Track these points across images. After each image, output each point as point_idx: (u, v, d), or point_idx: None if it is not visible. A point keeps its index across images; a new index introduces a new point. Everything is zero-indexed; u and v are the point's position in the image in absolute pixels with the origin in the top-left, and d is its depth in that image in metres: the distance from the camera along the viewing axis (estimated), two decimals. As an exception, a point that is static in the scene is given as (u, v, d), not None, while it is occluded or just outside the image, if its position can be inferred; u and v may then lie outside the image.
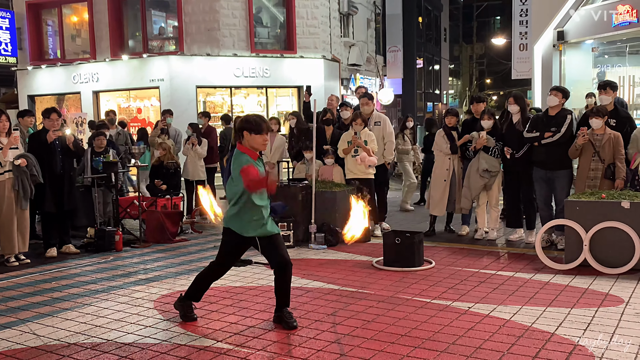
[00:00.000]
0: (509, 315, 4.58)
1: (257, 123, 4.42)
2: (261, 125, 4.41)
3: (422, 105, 35.68)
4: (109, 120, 11.00)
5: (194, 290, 4.68)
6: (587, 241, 5.85)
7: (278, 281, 4.51)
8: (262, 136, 4.42)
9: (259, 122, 4.43)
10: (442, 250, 7.10)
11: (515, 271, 6.00)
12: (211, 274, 4.67)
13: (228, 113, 15.77)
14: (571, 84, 14.08)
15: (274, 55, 17.68)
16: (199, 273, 4.72)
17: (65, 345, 4.16)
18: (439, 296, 5.17)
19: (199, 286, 4.68)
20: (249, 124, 4.42)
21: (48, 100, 18.98)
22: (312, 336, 4.25)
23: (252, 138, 4.40)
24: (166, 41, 17.96)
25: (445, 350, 3.89)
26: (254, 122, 4.42)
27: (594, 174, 6.53)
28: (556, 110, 6.87)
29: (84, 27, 18.67)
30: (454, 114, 8.10)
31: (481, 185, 7.46)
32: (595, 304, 4.83)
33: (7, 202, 6.69)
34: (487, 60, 45.75)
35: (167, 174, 9.27)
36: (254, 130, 4.39)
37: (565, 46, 15.17)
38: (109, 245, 7.49)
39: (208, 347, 4.07)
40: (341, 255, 6.95)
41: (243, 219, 4.42)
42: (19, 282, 6.07)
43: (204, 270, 4.70)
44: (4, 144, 6.70)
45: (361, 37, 23.12)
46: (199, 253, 7.31)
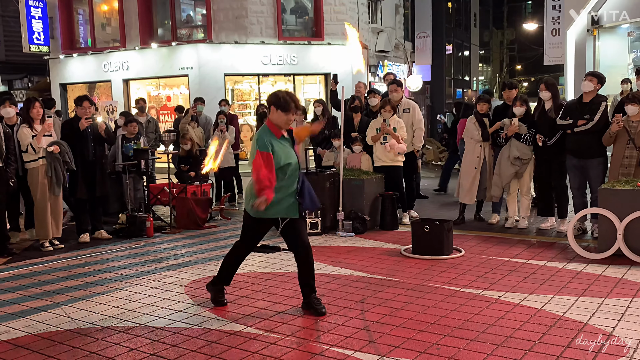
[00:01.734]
0: (540, 305, 4.52)
1: (285, 100, 4.34)
2: (289, 104, 4.34)
3: (451, 92, 35.30)
4: (139, 108, 11.11)
5: (223, 273, 4.73)
6: (621, 230, 5.73)
7: (302, 268, 4.52)
8: (288, 115, 4.36)
9: (287, 100, 4.34)
10: (471, 238, 7.04)
11: (546, 260, 5.91)
12: (236, 252, 4.69)
13: (256, 101, 15.82)
14: (606, 70, 13.72)
15: (301, 42, 17.63)
16: (225, 255, 4.76)
17: (98, 329, 4.25)
18: (469, 285, 5.13)
19: (228, 268, 4.72)
20: (277, 100, 4.36)
21: (80, 89, 19.28)
22: (340, 323, 4.26)
23: (278, 115, 4.35)
24: (195, 29, 18.05)
25: (475, 339, 3.86)
26: (282, 99, 4.35)
27: (629, 162, 6.38)
28: (590, 96, 6.71)
29: (114, 15, 18.87)
30: (485, 101, 7.96)
31: (512, 173, 7.35)
32: (629, 294, 4.73)
33: (41, 188, 6.83)
34: (518, 46, 44.90)
35: (196, 161, 9.35)
36: (281, 107, 4.34)
37: (599, 31, 14.78)
38: (140, 231, 7.61)
39: (238, 332, 4.12)
40: (369, 243, 6.94)
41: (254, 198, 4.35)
42: (53, 266, 6.21)
43: (229, 251, 4.74)
44: (37, 131, 6.83)
45: (389, 23, 22.90)
46: (228, 239, 7.37)
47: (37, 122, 6.90)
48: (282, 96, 4.38)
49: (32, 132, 6.81)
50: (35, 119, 6.88)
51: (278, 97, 4.38)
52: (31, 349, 3.90)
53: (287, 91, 4.52)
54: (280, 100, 4.35)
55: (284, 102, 4.34)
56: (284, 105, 4.34)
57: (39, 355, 3.81)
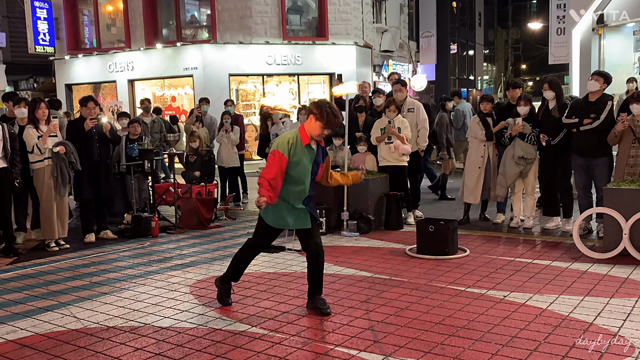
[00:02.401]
0: (546, 305, 4.51)
1: (328, 116, 4.22)
2: (331, 121, 4.23)
3: (456, 92, 35.18)
4: (144, 108, 11.14)
5: (232, 270, 4.74)
6: (627, 230, 5.71)
7: (311, 268, 4.53)
8: (325, 130, 4.28)
9: (330, 115, 4.22)
10: (476, 238, 7.03)
11: (551, 260, 5.90)
12: (246, 252, 4.71)
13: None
14: (611, 69, 13.64)
15: (305, 42, 17.64)
16: (235, 253, 4.78)
17: (104, 329, 4.26)
18: (474, 284, 5.12)
19: (237, 266, 4.73)
20: (320, 112, 4.25)
21: (85, 89, 19.34)
22: (345, 322, 4.26)
23: (314, 126, 4.28)
24: (199, 29, 18.08)
25: (480, 339, 3.86)
26: (325, 114, 4.22)
27: (634, 161, 6.35)
28: (596, 95, 6.69)
29: (118, 16, 18.92)
30: (489, 100, 7.94)
31: (517, 172, 7.33)
32: (635, 294, 4.72)
33: (47, 188, 6.86)
34: (523, 45, 44.77)
35: (201, 161, 9.38)
36: (321, 121, 4.25)
37: (604, 30, 14.73)
38: (145, 231, 7.63)
39: (243, 332, 4.12)
40: (374, 243, 6.94)
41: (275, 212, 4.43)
42: (59, 266, 6.23)
43: (240, 249, 4.76)
44: (43, 131, 6.85)
45: (394, 23, 22.87)
46: (233, 239, 7.38)
47: (42, 123, 6.93)
48: (328, 111, 4.24)
49: (37, 133, 6.83)
50: (40, 119, 6.91)
51: (321, 109, 4.26)
52: (37, 349, 3.92)
53: (330, 104, 4.37)
54: (323, 113, 4.24)
55: (327, 116, 4.22)
56: (326, 119, 4.23)
57: (45, 354, 3.82)
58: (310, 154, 4.38)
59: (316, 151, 4.42)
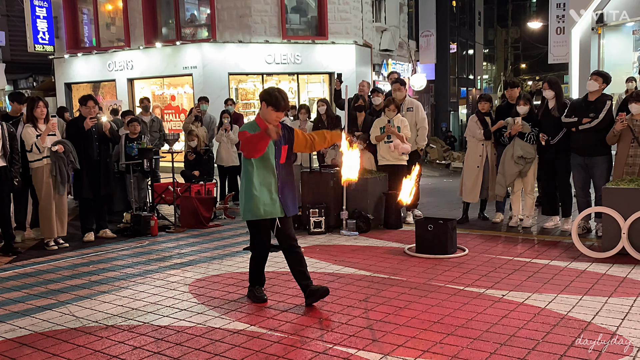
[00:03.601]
0: (544, 304, 4.51)
1: (276, 99, 4.40)
2: (280, 103, 4.40)
3: (456, 91, 35.24)
4: (143, 107, 11.14)
5: (252, 279, 4.84)
6: (625, 229, 5.72)
7: (289, 262, 4.64)
8: (278, 114, 4.43)
9: (279, 99, 4.40)
10: (475, 237, 7.03)
11: (550, 259, 5.90)
12: (253, 260, 4.79)
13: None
14: (610, 68, 13.68)
15: (305, 41, 17.64)
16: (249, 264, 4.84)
17: (103, 327, 4.26)
18: (472, 284, 5.12)
19: (254, 274, 4.82)
20: (269, 97, 4.43)
21: (84, 88, 19.34)
22: (344, 321, 4.26)
23: (268, 112, 4.43)
24: (199, 28, 18.08)
25: (478, 338, 3.86)
26: (274, 98, 4.40)
27: (633, 161, 6.36)
28: (596, 95, 6.70)
29: (118, 15, 18.92)
30: (487, 100, 7.97)
31: (516, 172, 7.34)
32: (633, 293, 4.72)
33: (46, 187, 6.86)
34: (523, 45, 44.77)
35: (200, 160, 9.38)
36: (272, 105, 4.40)
37: (604, 29, 14.74)
38: (144, 230, 7.64)
39: (241, 331, 4.12)
40: (373, 242, 6.94)
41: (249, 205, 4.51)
42: (58, 265, 6.23)
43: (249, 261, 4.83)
44: (42, 130, 6.85)
45: (393, 22, 22.87)
46: (232, 238, 7.39)
47: (40, 122, 6.93)
48: (275, 94, 4.42)
49: (36, 132, 6.83)
50: (39, 118, 6.91)
51: (270, 95, 4.44)
52: (36, 347, 3.92)
53: (279, 89, 4.56)
54: (272, 97, 4.42)
55: (275, 100, 4.40)
56: (275, 103, 4.40)
57: (44, 353, 3.82)
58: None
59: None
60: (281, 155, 4.55)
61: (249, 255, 6.36)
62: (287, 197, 4.59)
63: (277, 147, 4.52)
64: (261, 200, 4.49)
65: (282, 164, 4.57)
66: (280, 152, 4.54)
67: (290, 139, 4.65)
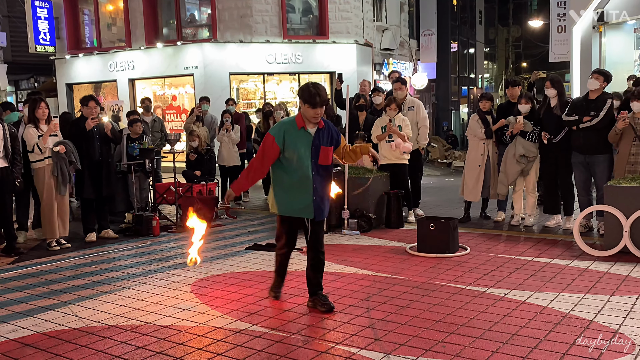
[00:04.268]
0: (546, 302, 4.51)
1: (310, 95, 4.29)
2: (315, 100, 4.28)
3: (457, 90, 35.20)
4: (144, 107, 11.15)
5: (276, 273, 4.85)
6: (627, 227, 5.72)
7: (309, 265, 4.59)
8: (315, 110, 4.30)
9: (313, 94, 4.29)
10: (477, 236, 7.03)
11: (552, 258, 5.90)
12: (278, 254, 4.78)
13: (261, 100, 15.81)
14: (612, 67, 13.67)
15: (306, 41, 17.63)
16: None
17: (105, 327, 4.27)
18: (474, 282, 5.12)
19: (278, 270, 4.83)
20: (304, 94, 4.33)
21: (85, 89, 19.35)
22: (346, 320, 4.26)
23: (305, 109, 4.35)
24: (200, 28, 18.08)
25: (480, 337, 3.86)
26: (307, 94, 4.30)
27: (635, 159, 6.36)
28: (597, 94, 6.70)
29: (119, 15, 18.93)
30: (488, 98, 7.97)
31: (518, 170, 7.34)
32: (636, 292, 4.72)
33: (47, 187, 6.86)
34: (524, 43, 44.69)
35: (202, 160, 9.38)
36: (308, 102, 4.30)
37: (605, 27, 14.71)
38: (146, 230, 7.65)
39: (244, 330, 4.13)
40: (374, 241, 6.94)
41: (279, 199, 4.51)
42: (60, 265, 6.24)
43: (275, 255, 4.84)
44: (43, 131, 6.86)
45: (394, 21, 22.86)
46: (234, 238, 7.39)
47: (42, 122, 6.94)
48: (309, 90, 4.32)
49: (38, 132, 6.84)
50: (40, 119, 6.92)
51: (304, 91, 4.34)
52: (38, 348, 3.93)
53: (315, 83, 4.43)
54: (306, 94, 4.31)
55: (309, 96, 4.29)
56: (310, 100, 4.29)
57: (46, 353, 3.83)
58: (306, 137, 4.39)
59: (314, 135, 4.40)
60: (319, 156, 4.40)
61: (251, 255, 6.40)
62: (321, 200, 4.47)
63: (315, 147, 4.38)
64: (291, 199, 4.43)
65: (320, 165, 4.42)
66: (318, 152, 4.39)
67: (337, 141, 4.53)
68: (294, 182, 4.42)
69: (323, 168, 4.46)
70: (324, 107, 4.36)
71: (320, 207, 4.48)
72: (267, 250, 6.56)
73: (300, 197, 4.42)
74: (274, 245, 6.40)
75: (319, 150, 4.40)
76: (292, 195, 4.43)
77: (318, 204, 4.45)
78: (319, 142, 4.41)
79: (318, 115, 4.35)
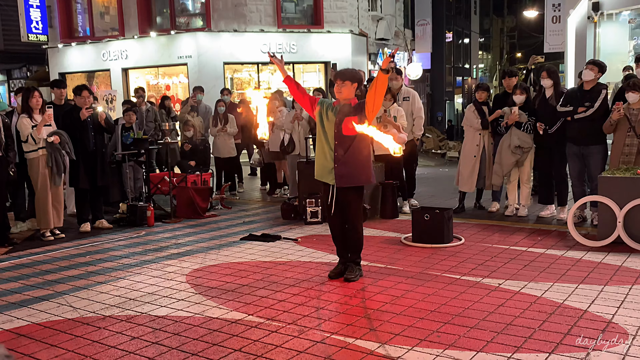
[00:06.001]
0: (541, 292, 4.54)
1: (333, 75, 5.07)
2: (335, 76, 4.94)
3: (452, 80, 35.20)
4: (138, 97, 11.09)
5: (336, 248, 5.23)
6: (621, 218, 5.75)
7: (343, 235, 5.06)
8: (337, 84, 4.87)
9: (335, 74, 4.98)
10: (471, 226, 7.05)
11: (546, 248, 5.93)
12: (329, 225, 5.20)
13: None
14: (606, 57, 13.68)
15: (300, 30, 17.56)
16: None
17: (100, 318, 4.27)
18: (469, 273, 5.14)
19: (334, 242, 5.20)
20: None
21: (78, 78, 19.23)
22: (341, 311, 4.28)
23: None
24: (193, 17, 17.97)
25: (475, 327, 3.88)
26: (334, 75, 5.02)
27: (629, 150, 6.38)
28: (591, 85, 6.70)
29: (112, 4, 18.78)
30: (484, 89, 7.96)
31: (513, 161, 7.35)
32: (629, 282, 4.75)
33: (42, 178, 6.83)
34: (519, 33, 44.69)
35: (196, 150, 9.36)
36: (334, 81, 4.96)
37: (600, 18, 14.72)
38: (141, 221, 7.63)
39: (239, 320, 4.14)
40: (369, 232, 6.95)
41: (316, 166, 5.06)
42: (54, 256, 6.22)
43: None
44: (37, 121, 6.82)
45: (389, 11, 22.79)
46: (229, 228, 7.39)
47: (36, 112, 6.89)
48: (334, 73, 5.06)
49: (32, 122, 6.80)
50: (34, 108, 6.87)
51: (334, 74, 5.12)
52: (33, 338, 3.92)
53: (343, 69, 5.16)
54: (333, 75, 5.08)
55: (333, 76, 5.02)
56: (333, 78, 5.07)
57: (41, 344, 3.83)
58: (334, 109, 4.91)
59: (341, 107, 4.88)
60: (341, 126, 4.79)
61: (246, 245, 6.40)
62: (343, 168, 4.82)
63: (339, 118, 4.81)
64: (317, 164, 5.01)
65: (344, 135, 4.80)
66: (341, 122, 4.79)
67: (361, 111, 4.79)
68: (321, 149, 4.95)
69: (347, 138, 4.82)
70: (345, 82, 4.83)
71: (341, 174, 4.85)
72: (262, 240, 6.57)
73: (323, 164, 4.94)
74: (268, 236, 6.45)
75: (343, 120, 4.81)
76: (319, 160, 4.99)
77: (340, 171, 4.84)
78: (344, 114, 4.82)
79: (339, 88, 4.85)
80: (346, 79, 4.83)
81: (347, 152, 4.81)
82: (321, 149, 4.95)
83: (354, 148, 4.84)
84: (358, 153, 4.86)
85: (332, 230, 5.14)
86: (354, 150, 4.84)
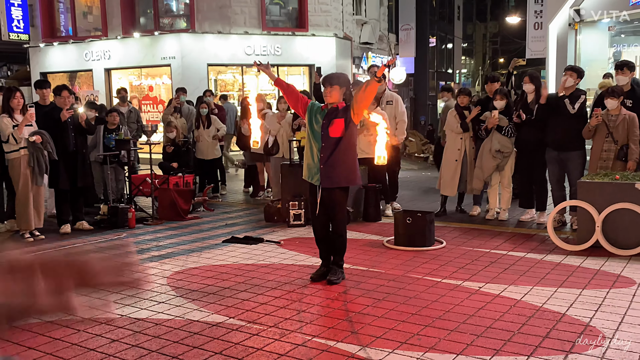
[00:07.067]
0: (520, 296, 4.59)
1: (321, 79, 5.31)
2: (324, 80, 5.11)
3: (435, 85, 35.39)
4: (120, 97, 11.00)
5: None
6: (599, 222, 5.82)
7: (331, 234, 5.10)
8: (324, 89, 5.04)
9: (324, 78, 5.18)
10: (453, 230, 7.10)
11: (526, 252, 5.99)
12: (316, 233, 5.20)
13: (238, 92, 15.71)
14: (586, 64, 13.88)
15: (285, 33, 17.55)
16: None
17: (80, 320, 4.22)
18: (450, 276, 5.18)
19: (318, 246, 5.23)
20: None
21: (60, 78, 19.01)
22: (323, 314, 4.28)
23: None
24: (177, 18, 17.88)
25: (455, 329, 3.91)
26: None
27: (607, 155, 6.48)
28: (570, 90, 6.80)
29: (95, 3, 18.61)
30: (466, 94, 8.04)
31: (494, 165, 7.42)
32: (607, 285, 4.82)
33: (23, 178, 6.75)
34: (501, 39, 45.06)
35: (179, 152, 9.31)
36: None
37: (581, 25, 14.93)
38: (122, 222, 7.57)
39: (220, 323, 4.12)
40: (352, 235, 6.95)
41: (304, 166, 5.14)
42: (34, 257, 6.14)
43: None
44: (19, 121, 6.74)
45: (374, 15, 22.88)
46: (211, 230, 7.36)
47: (17, 112, 6.81)
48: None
49: (12, 122, 6.72)
50: (15, 109, 6.79)
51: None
52: (11, 341, 3.87)
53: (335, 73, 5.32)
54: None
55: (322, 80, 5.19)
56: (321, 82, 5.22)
57: (19, 346, 3.78)
58: (322, 112, 5.03)
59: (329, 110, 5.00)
60: (328, 128, 4.91)
61: (228, 248, 6.38)
62: (330, 169, 4.90)
63: (327, 120, 4.93)
64: (305, 164, 5.10)
65: (330, 137, 4.91)
66: (328, 125, 4.92)
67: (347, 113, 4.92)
68: (310, 149, 5.04)
69: (335, 140, 4.92)
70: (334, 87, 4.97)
71: (327, 175, 4.92)
72: (245, 243, 6.56)
73: (311, 165, 5.02)
74: (251, 238, 6.43)
75: (330, 123, 4.93)
76: (307, 160, 5.07)
77: (326, 172, 4.91)
78: (331, 117, 4.94)
79: (328, 92, 4.99)
80: (335, 84, 5.00)
81: (334, 153, 4.91)
82: (309, 150, 5.06)
83: (340, 150, 4.93)
84: (344, 155, 4.96)
85: (316, 233, 5.17)
86: (340, 152, 4.94)
